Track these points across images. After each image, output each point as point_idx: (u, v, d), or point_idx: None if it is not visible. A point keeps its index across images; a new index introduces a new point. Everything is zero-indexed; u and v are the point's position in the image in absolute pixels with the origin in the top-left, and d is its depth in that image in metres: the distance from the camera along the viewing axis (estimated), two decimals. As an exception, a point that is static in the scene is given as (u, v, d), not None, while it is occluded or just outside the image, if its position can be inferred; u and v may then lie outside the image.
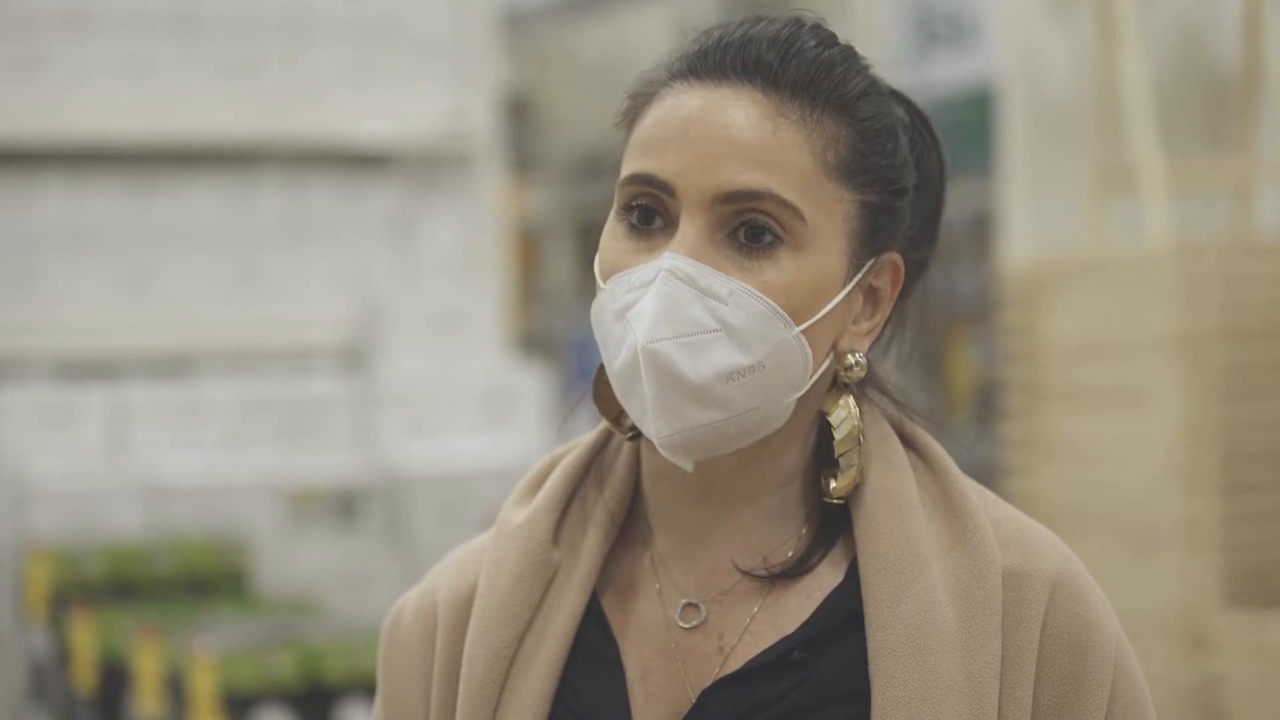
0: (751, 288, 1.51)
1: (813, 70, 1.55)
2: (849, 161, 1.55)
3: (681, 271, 1.50)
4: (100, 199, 6.30)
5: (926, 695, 1.50)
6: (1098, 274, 5.00)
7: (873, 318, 1.60)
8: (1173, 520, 4.67)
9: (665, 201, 1.54)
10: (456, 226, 6.68)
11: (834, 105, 1.55)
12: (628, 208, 1.56)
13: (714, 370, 1.50)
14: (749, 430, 1.54)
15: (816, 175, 1.53)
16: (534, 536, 1.62)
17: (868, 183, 1.56)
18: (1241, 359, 4.70)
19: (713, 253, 1.52)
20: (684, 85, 1.56)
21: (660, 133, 1.54)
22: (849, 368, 1.58)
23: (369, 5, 6.54)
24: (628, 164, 1.56)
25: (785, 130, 1.53)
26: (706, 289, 1.51)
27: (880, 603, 1.53)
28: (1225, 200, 5.34)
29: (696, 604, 1.59)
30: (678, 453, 1.53)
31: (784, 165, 1.52)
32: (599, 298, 1.55)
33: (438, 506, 5.97)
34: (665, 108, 1.55)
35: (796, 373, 1.54)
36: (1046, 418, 5.05)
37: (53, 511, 5.75)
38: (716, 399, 1.51)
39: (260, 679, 4.61)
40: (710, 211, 1.52)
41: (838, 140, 1.55)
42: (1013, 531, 1.58)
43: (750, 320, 1.51)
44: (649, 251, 1.54)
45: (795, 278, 1.52)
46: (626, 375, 1.52)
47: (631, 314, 1.51)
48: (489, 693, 1.59)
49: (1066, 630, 1.55)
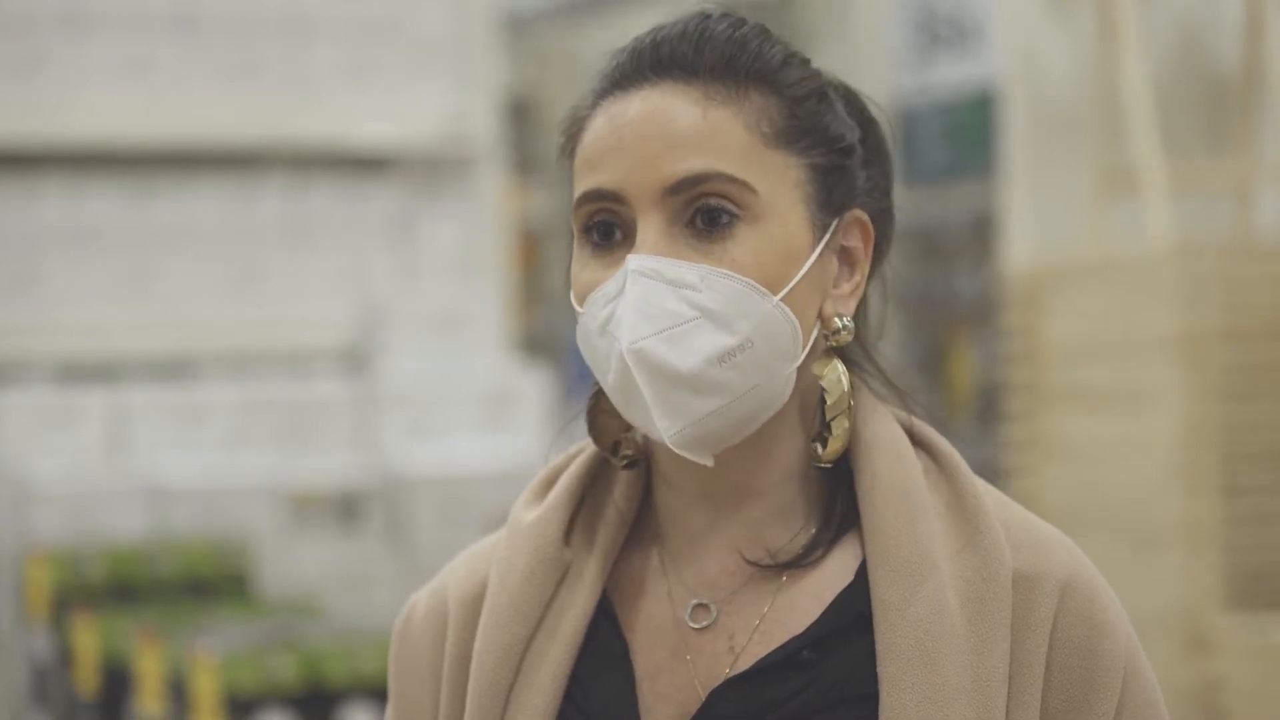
0: (720, 269, 1.52)
1: (728, 49, 1.57)
2: (785, 128, 1.57)
3: (647, 269, 1.52)
4: (100, 200, 6.30)
5: (934, 698, 1.50)
6: (1098, 275, 5.00)
7: (853, 278, 1.61)
8: (1173, 521, 4.67)
9: (619, 212, 1.56)
10: (457, 228, 6.68)
11: (756, 78, 1.57)
12: (586, 229, 1.58)
13: (702, 356, 1.51)
14: (755, 412, 1.54)
15: (756, 147, 1.55)
16: (545, 535, 1.63)
17: (809, 145, 1.58)
18: (1242, 360, 4.70)
19: (674, 245, 1.53)
20: (610, 100, 1.59)
21: (598, 148, 1.57)
22: (836, 331, 1.58)
23: (369, 6, 6.54)
24: (577, 186, 1.58)
25: (714, 111, 1.55)
26: (676, 280, 1.52)
27: (889, 605, 1.54)
28: (1225, 201, 5.34)
29: (707, 604, 1.60)
30: (691, 449, 1.54)
31: (721, 144, 1.54)
32: (580, 322, 1.57)
33: (438, 508, 5.97)
34: (598, 125, 1.58)
35: (786, 342, 1.54)
36: (1047, 418, 5.05)
37: (53, 513, 5.75)
38: (713, 384, 1.52)
39: (262, 681, 4.61)
40: (663, 206, 1.54)
41: (769, 109, 1.56)
42: (1023, 533, 1.58)
43: (726, 300, 1.52)
44: (615, 265, 1.55)
45: (760, 250, 1.53)
46: (622, 384, 1.53)
47: (611, 325, 1.52)
48: (499, 691, 1.59)
49: (1077, 633, 1.55)
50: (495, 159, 6.85)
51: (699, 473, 1.57)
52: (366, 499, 6.01)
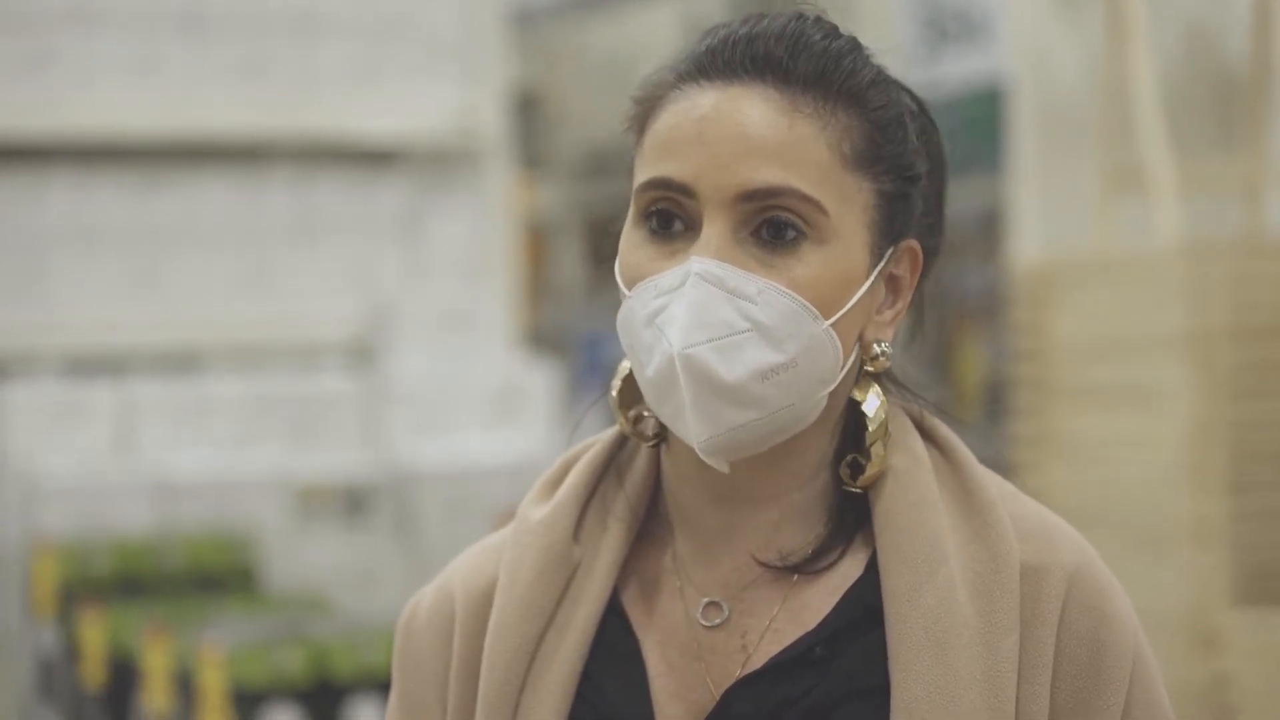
0: (779, 285, 1.51)
1: (822, 62, 1.54)
2: (864, 151, 1.55)
3: (710, 274, 1.50)
4: (108, 196, 6.30)
5: (945, 689, 1.50)
6: (1107, 272, 4.99)
7: (895, 306, 1.60)
8: (1181, 519, 4.66)
9: (685, 204, 1.53)
10: (465, 224, 6.68)
11: (846, 96, 1.55)
12: (646, 214, 1.55)
13: (748, 370, 1.50)
14: (784, 427, 1.54)
15: (835, 167, 1.53)
16: (554, 532, 1.62)
17: (883, 171, 1.56)
18: (1250, 358, 4.69)
19: (738, 252, 1.51)
20: (694, 87, 1.55)
21: (675, 135, 1.53)
22: (875, 357, 1.58)
23: (378, 3, 6.54)
24: (643, 169, 1.55)
25: (800, 124, 1.52)
26: (735, 290, 1.50)
27: (899, 597, 1.53)
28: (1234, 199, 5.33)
29: (719, 602, 1.59)
30: (716, 455, 1.53)
31: (802, 159, 1.51)
32: (626, 305, 1.54)
33: (446, 503, 5.97)
34: (677, 111, 1.54)
35: (827, 366, 1.53)
36: (1055, 416, 5.04)
37: (61, 508, 5.76)
38: (753, 398, 1.51)
39: (269, 676, 4.61)
40: (732, 211, 1.51)
41: (852, 131, 1.54)
42: (1032, 525, 1.58)
43: (780, 318, 1.50)
44: (671, 256, 1.53)
45: (821, 272, 1.52)
46: (662, 382, 1.52)
47: (662, 319, 1.50)
48: (510, 689, 1.59)
49: (1084, 624, 1.55)
50: (503, 155, 6.85)
51: (719, 474, 1.56)
52: (374, 494, 6.01)
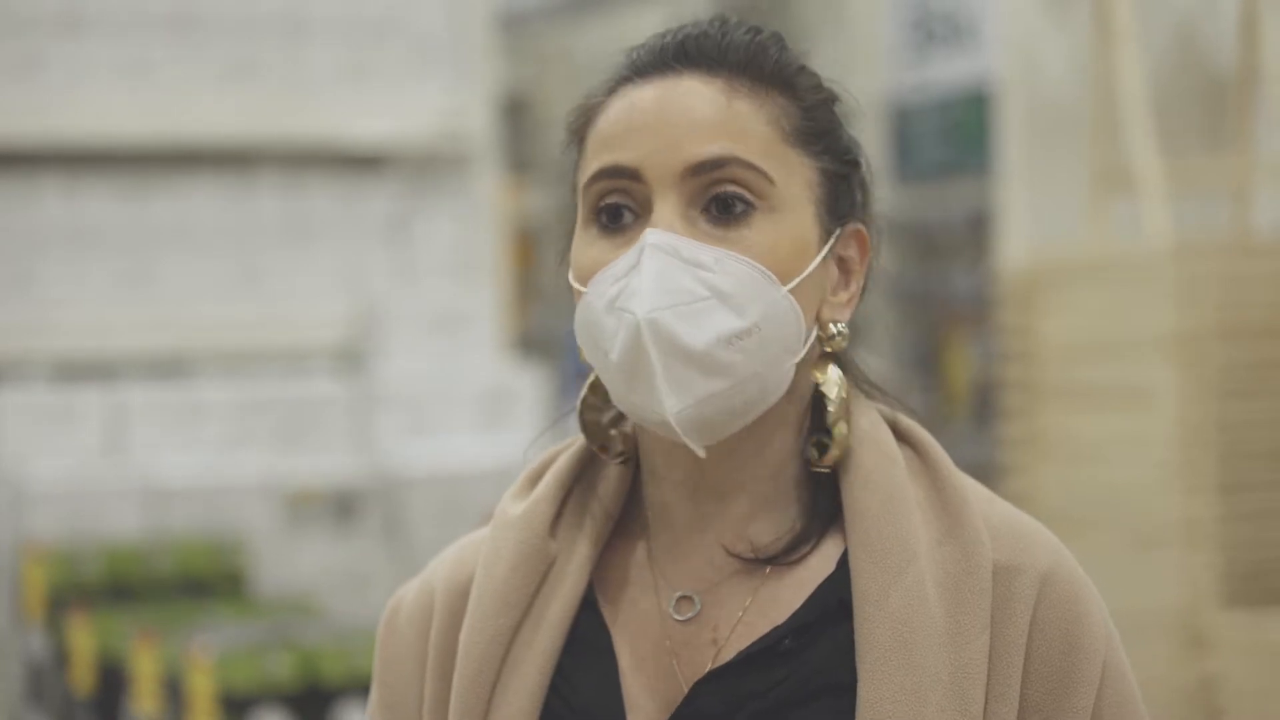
0: (735, 252, 1.53)
1: (751, 51, 1.60)
2: (802, 129, 1.59)
3: (665, 245, 1.53)
4: (98, 199, 6.29)
5: (911, 689, 1.51)
6: (1095, 273, 5.00)
7: (849, 288, 1.63)
8: (1171, 519, 4.67)
9: (633, 190, 1.56)
10: (454, 226, 6.68)
11: (777, 80, 1.60)
12: (595, 210, 1.58)
13: (713, 335, 1.52)
14: (753, 401, 1.55)
15: (775, 141, 1.57)
16: (531, 527, 1.63)
17: (822, 150, 1.60)
18: (1239, 358, 4.70)
19: (690, 228, 1.55)
20: (631, 86, 1.61)
21: (618, 128, 1.58)
22: (832, 337, 1.60)
23: (366, 5, 6.54)
24: (589, 165, 1.59)
25: (739, 102, 1.57)
26: (691, 259, 1.53)
27: (868, 597, 1.54)
28: (1223, 199, 5.34)
29: (690, 596, 1.61)
30: (690, 431, 1.53)
31: (744, 132, 1.56)
32: (583, 301, 1.57)
33: (436, 507, 5.97)
34: (618, 108, 1.60)
35: (791, 333, 1.56)
36: (1045, 417, 5.05)
37: (50, 512, 5.75)
38: (720, 365, 1.52)
39: (258, 680, 4.61)
40: (681, 187, 1.55)
41: (788, 110, 1.59)
42: (1005, 526, 1.59)
43: (739, 283, 1.53)
44: (624, 245, 1.56)
45: (775, 239, 1.55)
46: (628, 360, 1.53)
47: (623, 298, 1.53)
48: (484, 680, 1.60)
49: (1056, 626, 1.56)
50: (492, 157, 6.85)
51: (688, 467, 1.58)
52: (363, 498, 6.01)
